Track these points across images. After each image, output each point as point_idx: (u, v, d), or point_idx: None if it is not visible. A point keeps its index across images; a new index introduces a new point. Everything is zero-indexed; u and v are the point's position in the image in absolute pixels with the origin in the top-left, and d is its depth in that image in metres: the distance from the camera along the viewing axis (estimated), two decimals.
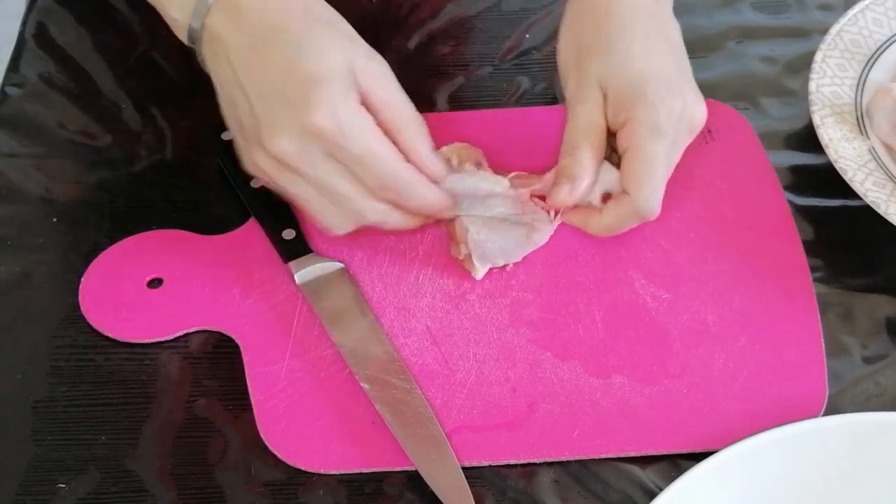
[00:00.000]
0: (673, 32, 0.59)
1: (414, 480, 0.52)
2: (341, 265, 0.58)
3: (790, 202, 0.62)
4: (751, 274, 0.59)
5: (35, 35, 0.72)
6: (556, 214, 0.59)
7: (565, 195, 0.57)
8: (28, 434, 0.54)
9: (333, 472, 0.52)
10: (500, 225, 0.58)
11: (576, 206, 0.58)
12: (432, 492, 0.51)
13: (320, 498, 0.52)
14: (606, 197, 0.58)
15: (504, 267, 0.59)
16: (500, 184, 0.60)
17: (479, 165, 0.61)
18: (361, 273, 0.59)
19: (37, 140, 0.66)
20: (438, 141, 0.62)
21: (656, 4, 0.59)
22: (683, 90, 0.56)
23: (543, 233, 0.59)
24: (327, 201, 0.53)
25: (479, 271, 0.58)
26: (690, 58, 0.59)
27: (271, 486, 0.52)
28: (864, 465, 0.50)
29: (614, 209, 0.57)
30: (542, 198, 0.60)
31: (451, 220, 0.59)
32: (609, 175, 0.58)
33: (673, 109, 0.55)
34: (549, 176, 0.59)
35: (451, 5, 0.74)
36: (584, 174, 0.57)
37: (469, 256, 0.58)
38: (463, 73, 0.70)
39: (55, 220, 0.63)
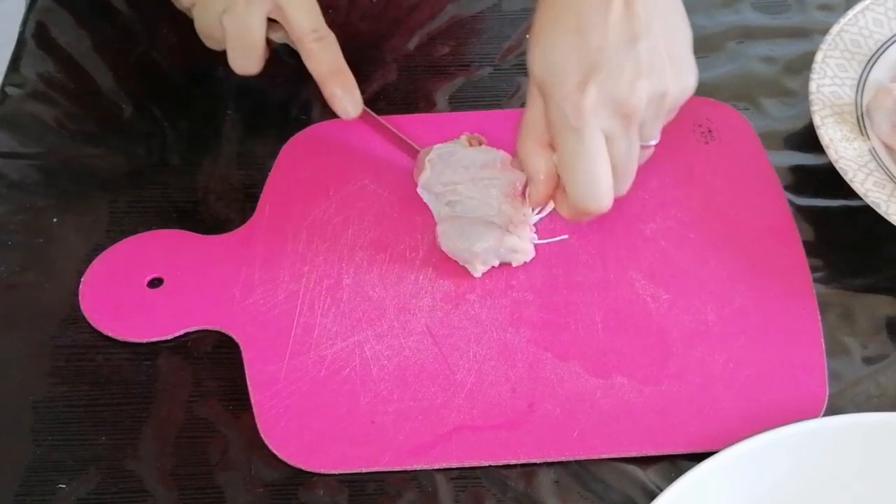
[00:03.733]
0: (612, 13, 0.51)
1: (414, 480, 0.52)
2: None
3: (790, 202, 0.62)
4: (751, 274, 0.59)
5: (35, 35, 0.72)
6: (536, 211, 0.59)
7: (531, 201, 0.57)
8: (28, 434, 0.54)
9: (333, 472, 0.52)
10: (471, 230, 0.58)
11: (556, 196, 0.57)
12: (432, 492, 0.51)
13: (320, 498, 0.52)
14: None
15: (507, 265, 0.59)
16: (500, 156, 0.59)
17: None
18: (362, 273, 0.59)
19: (37, 140, 0.66)
20: (438, 142, 0.62)
21: None
22: (601, 77, 0.50)
23: (518, 238, 0.58)
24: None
25: (479, 270, 0.58)
26: None
27: (271, 486, 0.52)
28: (864, 465, 0.50)
29: (565, 208, 0.55)
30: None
31: None
32: None
33: (579, 103, 0.50)
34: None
35: (451, 5, 0.74)
36: (536, 176, 0.55)
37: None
38: (463, 73, 0.70)
39: (55, 220, 0.63)
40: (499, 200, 0.58)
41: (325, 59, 0.62)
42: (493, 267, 0.59)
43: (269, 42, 0.63)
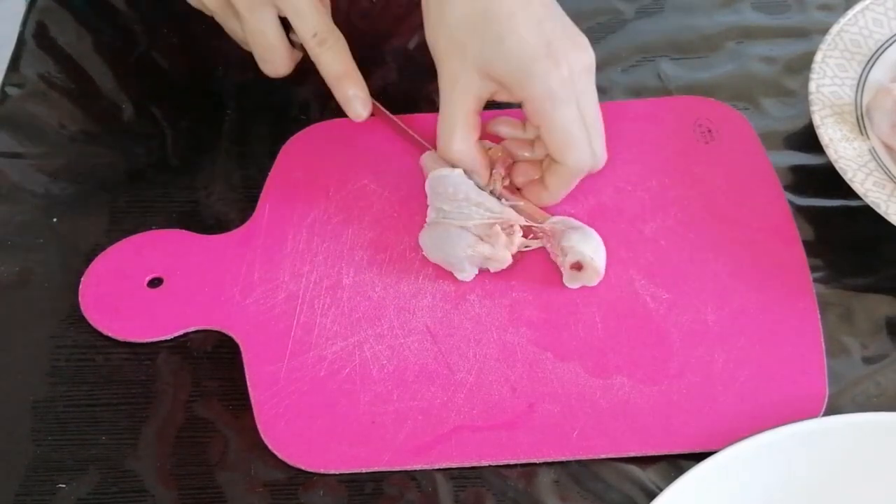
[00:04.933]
0: None
1: (414, 480, 0.52)
2: None
3: (790, 202, 0.62)
4: (751, 274, 0.59)
5: (35, 35, 0.72)
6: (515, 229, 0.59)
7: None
8: (28, 434, 0.54)
9: (333, 472, 0.52)
10: (447, 236, 0.58)
11: (526, 187, 0.61)
12: (432, 492, 0.51)
13: (320, 498, 0.52)
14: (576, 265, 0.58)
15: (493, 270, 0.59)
16: (504, 212, 0.59)
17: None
18: (362, 273, 0.59)
19: (37, 140, 0.67)
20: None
21: None
22: (564, 49, 0.56)
23: (490, 247, 0.57)
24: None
25: (469, 274, 0.58)
26: (690, 58, 0.59)
27: (271, 486, 0.52)
28: (864, 465, 0.50)
29: (555, 177, 0.59)
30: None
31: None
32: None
33: (562, 75, 0.55)
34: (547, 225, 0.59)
35: None
36: (481, 167, 0.59)
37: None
38: None
39: (55, 220, 0.63)
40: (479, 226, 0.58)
41: (330, 62, 0.62)
42: (489, 269, 0.59)
43: (293, 44, 0.63)
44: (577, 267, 0.57)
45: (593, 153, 0.58)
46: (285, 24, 0.62)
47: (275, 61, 0.63)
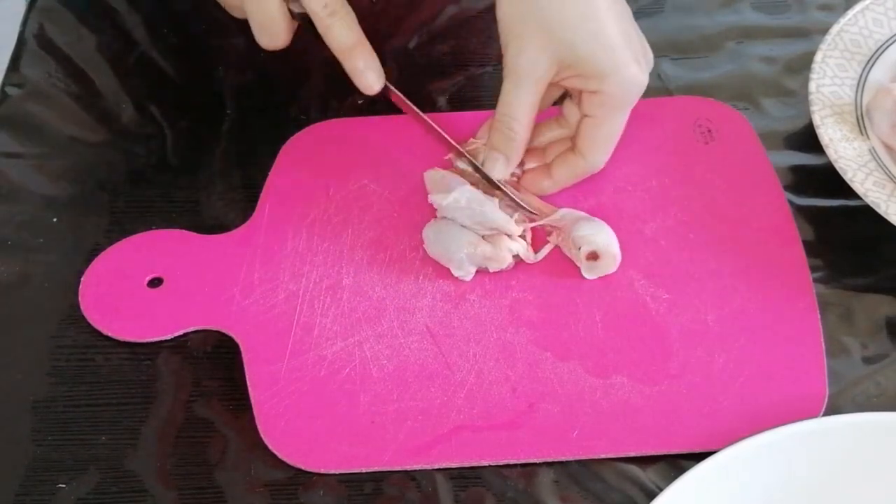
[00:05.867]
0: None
1: (414, 480, 0.52)
2: None
3: (790, 202, 0.62)
4: (751, 274, 0.59)
5: (35, 35, 0.72)
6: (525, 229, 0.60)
7: (499, 172, 0.60)
8: (28, 434, 0.54)
9: (333, 472, 0.52)
10: (449, 234, 0.58)
11: (526, 174, 0.62)
12: (432, 492, 0.51)
13: (320, 498, 0.52)
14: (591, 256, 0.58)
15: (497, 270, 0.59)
16: (509, 224, 0.59)
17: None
18: (362, 273, 0.59)
19: (37, 140, 0.67)
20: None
21: None
22: (639, 60, 0.57)
23: (491, 247, 0.58)
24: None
25: (468, 272, 0.58)
26: (690, 58, 0.59)
27: (271, 486, 0.52)
28: (864, 465, 0.50)
29: (564, 167, 0.60)
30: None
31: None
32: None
33: (640, 83, 0.56)
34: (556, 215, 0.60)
35: (451, 5, 0.74)
36: (518, 153, 0.59)
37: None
38: (463, 73, 0.70)
39: (55, 220, 0.63)
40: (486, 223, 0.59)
41: (341, 33, 0.59)
42: (488, 269, 0.59)
43: (293, 14, 0.61)
44: (594, 257, 0.58)
45: (607, 159, 0.60)
46: None
47: (274, 33, 0.59)
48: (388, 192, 0.63)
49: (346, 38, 0.59)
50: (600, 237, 0.58)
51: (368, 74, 0.59)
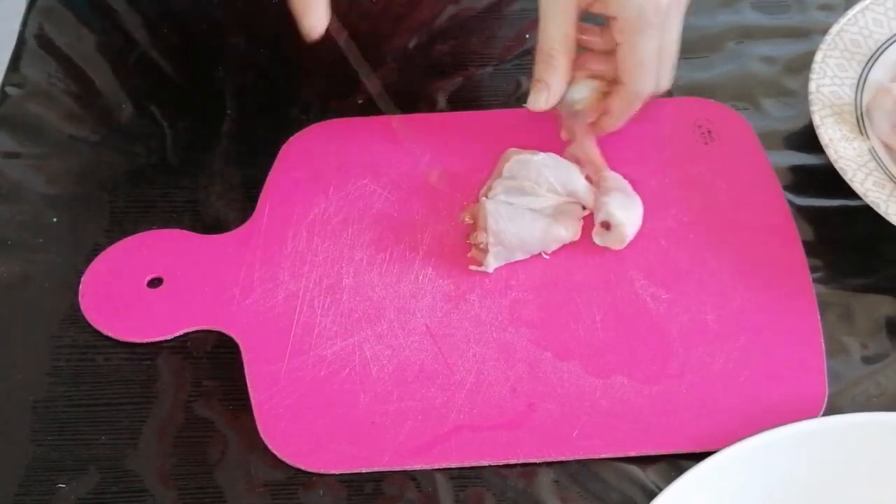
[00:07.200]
0: None
1: (414, 480, 0.52)
2: None
3: (790, 202, 0.62)
4: (751, 274, 0.59)
5: (35, 35, 0.72)
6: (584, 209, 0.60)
7: (542, 103, 0.60)
8: (28, 434, 0.54)
9: (333, 472, 0.52)
10: (521, 216, 0.58)
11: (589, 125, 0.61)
12: (432, 492, 0.51)
13: (320, 498, 0.52)
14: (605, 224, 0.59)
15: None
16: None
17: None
18: (362, 273, 0.59)
19: (37, 140, 0.66)
20: (438, 142, 0.62)
21: None
22: None
23: (564, 229, 0.59)
24: None
25: (492, 264, 0.58)
26: (690, 58, 0.59)
27: (271, 486, 0.52)
28: (864, 465, 0.50)
29: (616, 99, 0.60)
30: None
31: (476, 205, 0.60)
32: (581, 93, 0.60)
33: (660, 3, 0.56)
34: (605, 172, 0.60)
35: (451, 5, 0.74)
36: (560, 81, 0.59)
37: (485, 246, 0.58)
38: (463, 73, 0.70)
39: (55, 220, 0.63)
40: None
41: None
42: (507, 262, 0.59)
43: None
44: (606, 226, 0.58)
45: (657, 80, 0.59)
46: None
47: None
48: (388, 192, 0.63)
49: None
50: (621, 212, 0.58)
51: (310, 14, 0.56)
